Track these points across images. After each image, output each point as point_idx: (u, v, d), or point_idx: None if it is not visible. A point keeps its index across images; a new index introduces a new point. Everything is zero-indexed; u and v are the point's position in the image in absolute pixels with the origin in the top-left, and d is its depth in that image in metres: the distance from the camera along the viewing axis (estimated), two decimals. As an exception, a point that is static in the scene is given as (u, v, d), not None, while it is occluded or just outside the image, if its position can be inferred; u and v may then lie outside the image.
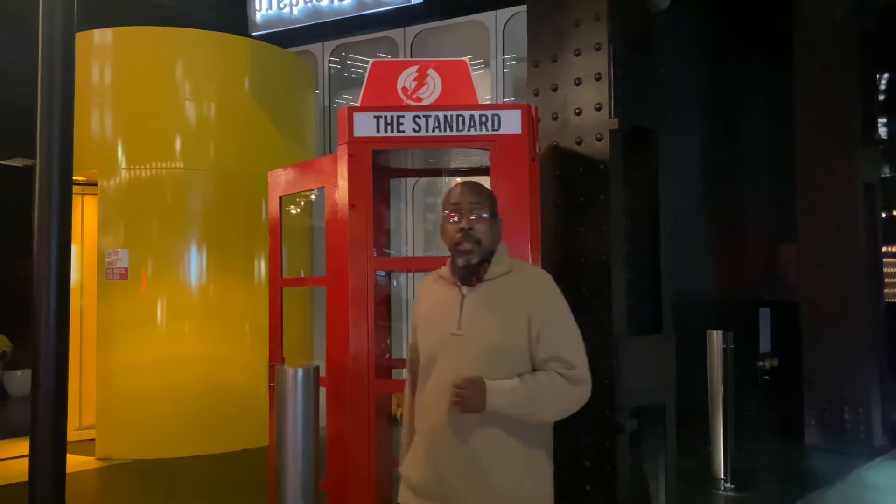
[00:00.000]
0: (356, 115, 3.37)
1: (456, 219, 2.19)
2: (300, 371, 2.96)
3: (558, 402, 2.13)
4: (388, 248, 4.47)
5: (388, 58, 8.36)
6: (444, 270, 2.28)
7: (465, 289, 2.20)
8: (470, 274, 2.20)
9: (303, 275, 7.64)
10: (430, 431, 2.17)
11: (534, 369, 2.15)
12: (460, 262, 2.20)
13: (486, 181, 3.49)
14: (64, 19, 2.54)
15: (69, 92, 2.56)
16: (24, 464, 2.62)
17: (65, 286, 2.51)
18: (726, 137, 8.47)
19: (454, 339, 2.15)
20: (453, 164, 4.32)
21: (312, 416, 2.97)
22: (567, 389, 2.12)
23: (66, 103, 2.53)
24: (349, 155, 3.36)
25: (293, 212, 7.50)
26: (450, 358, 2.14)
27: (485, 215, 2.20)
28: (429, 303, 2.30)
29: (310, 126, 8.09)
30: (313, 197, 7.49)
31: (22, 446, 6.74)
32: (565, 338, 2.18)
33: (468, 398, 2.04)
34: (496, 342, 2.12)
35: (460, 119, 3.37)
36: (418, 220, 8.54)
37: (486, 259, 2.20)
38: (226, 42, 7.23)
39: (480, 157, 3.84)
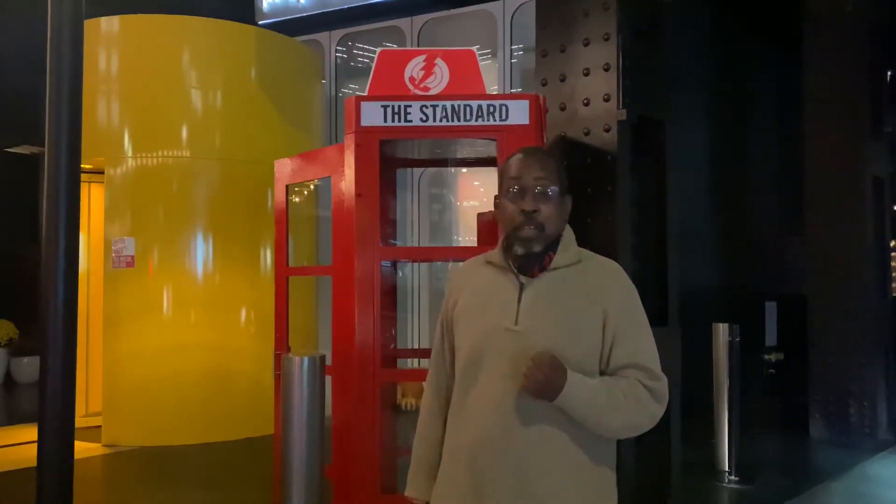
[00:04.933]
0: (363, 105, 3.36)
1: (519, 196, 1.80)
2: (306, 360, 2.96)
3: (635, 415, 1.78)
4: (395, 239, 4.47)
5: (395, 47, 8.33)
6: (495, 254, 1.89)
7: (524, 277, 1.82)
8: (532, 263, 1.82)
9: (305, 264, 7.64)
10: (474, 448, 1.78)
11: (601, 374, 1.81)
12: (520, 250, 1.82)
13: (492, 172, 3.49)
14: (72, 7, 2.53)
15: (77, 80, 2.56)
16: (32, 449, 2.64)
17: (73, 274, 2.52)
18: (734, 129, 8.43)
19: (509, 336, 1.77)
20: (460, 155, 4.31)
21: (318, 404, 2.98)
22: (647, 403, 1.79)
23: (75, 91, 2.53)
24: (356, 144, 3.36)
25: (296, 201, 7.50)
26: (502, 359, 1.77)
27: (552, 194, 1.81)
28: (472, 293, 1.89)
29: (316, 115, 8.08)
30: (313, 186, 7.48)
31: (29, 432, 6.79)
32: (646, 344, 1.84)
33: (542, 380, 1.67)
34: (563, 342, 1.75)
35: (468, 109, 3.35)
36: (424, 210, 8.54)
37: (552, 246, 1.83)
38: (232, 30, 7.22)
39: (487, 148, 3.83)
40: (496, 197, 1.90)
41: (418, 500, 1.98)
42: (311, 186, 7.49)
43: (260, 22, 9.17)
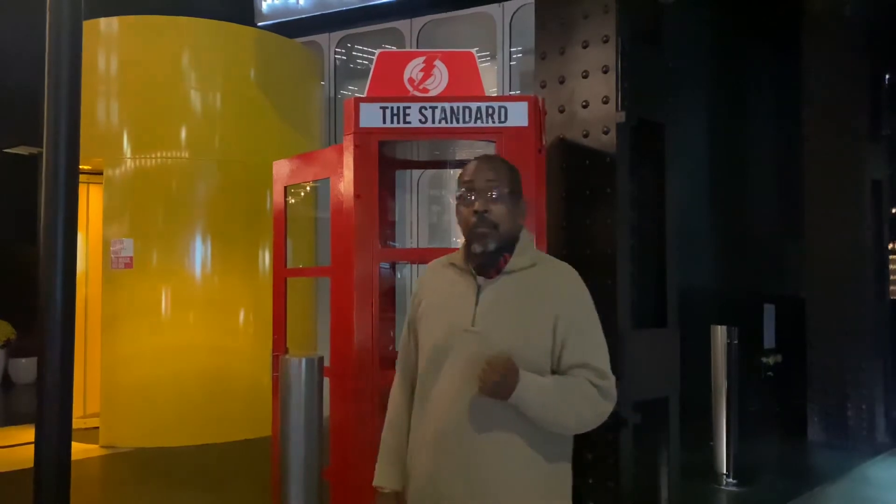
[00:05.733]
0: (362, 106, 3.36)
1: (470, 199, 1.92)
2: (304, 361, 2.96)
3: (585, 412, 1.87)
4: (393, 240, 4.47)
5: (395, 49, 8.34)
6: (457, 256, 2.00)
7: (481, 279, 1.93)
8: (488, 263, 1.92)
9: (301, 266, 7.63)
10: (433, 443, 1.89)
11: (553, 373, 1.90)
12: (476, 248, 1.91)
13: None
14: (71, 8, 2.53)
15: (76, 81, 2.55)
16: (30, 450, 2.63)
17: (71, 274, 2.51)
18: (733, 131, 8.44)
19: (468, 337, 1.88)
20: (459, 156, 4.31)
21: (316, 405, 2.97)
22: (596, 401, 1.87)
23: (74, 92, 2.53)
24: (355, 145, 3.36)
25: (293, 202, 7.50)
26: (461, 357, 1.87)
27: (503, 195, 1.91)
28: (436, 291, 2.00)
29: (315, 116, 8.08)
30: (308, 188, 7.48)
31: (26, 433, 6.77)
32: (596, 345, 1.93)
33: (497, 381, 1.76)
34: (517, 343, 1.85)
35: (467, 111, 3.36)
36: (423, 212, 8.54)
37: (507, 247, 1.93)
38: (232, 32, 7.22)
39: (484, 150, 3.83)
40: (456, 206, 2.00)
41: (384, 488, 2.05)
42: (308, 188, 7.49)
43: (259, 23, 9.17)
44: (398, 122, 3.36)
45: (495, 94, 7.74)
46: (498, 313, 1.89)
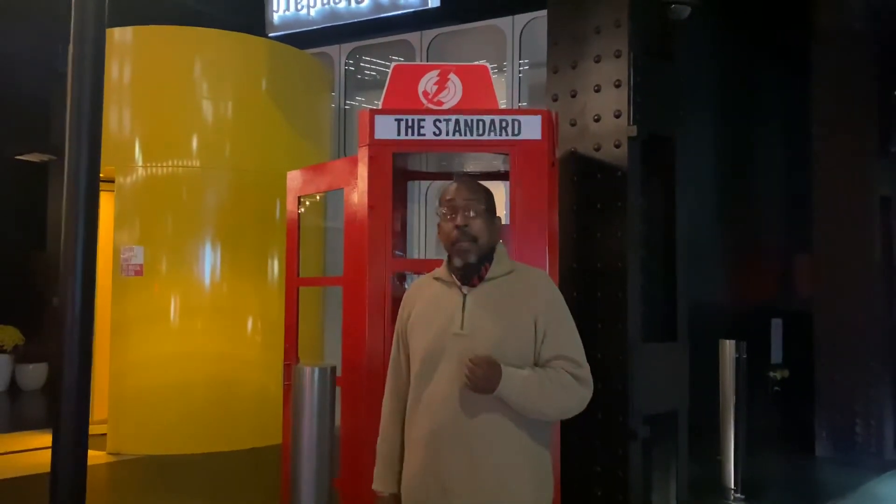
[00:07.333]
0: (377, 118, 3.39)
1: (451, 216, 2.13)
2: (317, 370, 2.97)
3: (565, 399, 2.08)
4: (403, 251, 4.49)
5: (403, 61, 8.39)
6: (441, 271, 2.20)
7: (465, 288, 2.13)
8: (470, 273, 2.13)
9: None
10: (430, 437, 2.07)
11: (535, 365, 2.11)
12: (458, 261, 2.13)
13: (501, 185, 3.52)
14: (95, 18, 2.56)
15: (98, 90, 2.58)
16: (36, 456, 2.65)
17: (90, 281, 2.53)
18: (742, 146, 8.46)
19: (457, 340, 2.06)
20: (467, 168, 4.33)
21: (328, 415, 2.99)
22: (575, 388, 2.08)
23: (96, 101, 2.56)
24: (370, 157, 3.39)
25: (300, 211, 7.51)
26: (452, 359, 2.05)
27: (481, 212, 2.13)
28: (423, 305, 2.19)
29: (325, 127, 8.13)
30: (318, 198, 7.51)
31: (34, 439, 6.79)
32: (571, 338, 2.14)
33: (481, 376, 1.96)
34: (502, 342, 2.05)
35: (480, 123, 3.38)
36: (431, 222, 8.56)
37: (486, 258, 2.14)
38: (244, 42, 7.28)
39: (494, 162, 3.86)
40: (438, 223, 2.20)
41: (382, 492, 2.29)
42: (317, 198, 7.52)
43: (271, 34, 9.22)
44: (412, 135, 3.39)
45: (504, 107, 7.77)
46: (483, 316, 2.09)
